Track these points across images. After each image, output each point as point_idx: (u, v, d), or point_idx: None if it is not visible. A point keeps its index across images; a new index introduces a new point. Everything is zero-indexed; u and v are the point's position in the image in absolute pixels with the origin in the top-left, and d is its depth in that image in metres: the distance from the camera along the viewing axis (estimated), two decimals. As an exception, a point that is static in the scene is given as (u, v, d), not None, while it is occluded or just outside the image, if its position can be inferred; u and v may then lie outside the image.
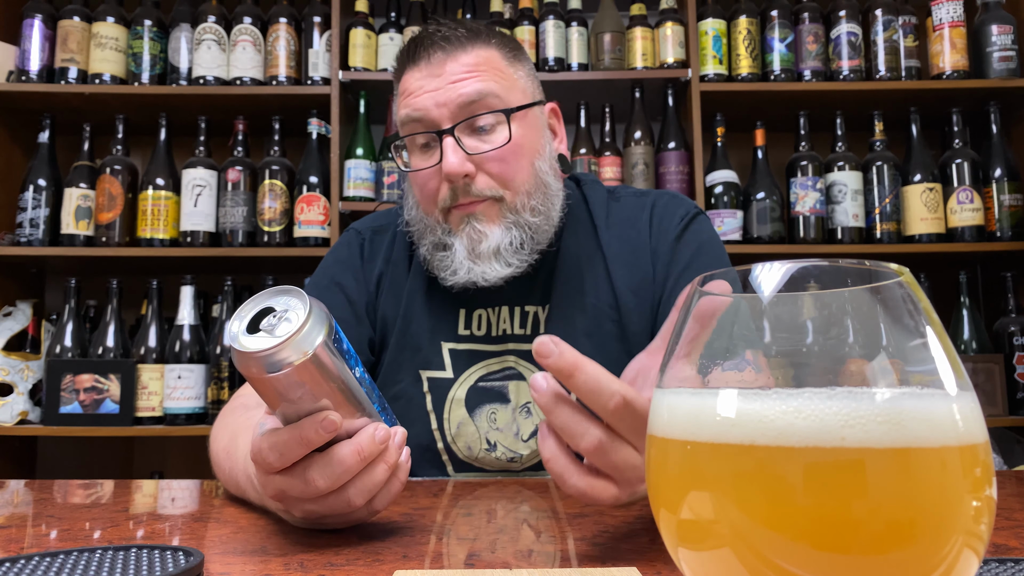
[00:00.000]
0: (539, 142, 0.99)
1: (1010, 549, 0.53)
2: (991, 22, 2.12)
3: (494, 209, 0.95)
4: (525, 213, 0.95)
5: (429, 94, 0.93)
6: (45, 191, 2.12)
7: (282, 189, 2.12)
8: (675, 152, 2.10)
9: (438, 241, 0.97)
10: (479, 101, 0.93)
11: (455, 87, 0.93)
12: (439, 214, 0.96)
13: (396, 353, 1.02)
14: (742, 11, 2.16)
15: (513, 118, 0.95)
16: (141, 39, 2.17)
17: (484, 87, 0.93)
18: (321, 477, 0.56)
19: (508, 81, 0.96)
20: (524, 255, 0.95)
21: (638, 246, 1.02)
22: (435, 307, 1.02)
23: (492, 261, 0.94)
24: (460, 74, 0.93)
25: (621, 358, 0.99)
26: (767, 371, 0.32)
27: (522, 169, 0.95)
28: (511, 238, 0.94)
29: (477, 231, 0.94)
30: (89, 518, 0.69)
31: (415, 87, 0.95)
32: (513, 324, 1.01)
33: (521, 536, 0.60)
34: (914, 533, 0.28)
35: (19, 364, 2.07)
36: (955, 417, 0.30)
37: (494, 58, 0.97)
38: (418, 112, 0.94)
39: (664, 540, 0.35)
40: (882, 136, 2.14)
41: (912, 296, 0.32)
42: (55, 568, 0.45)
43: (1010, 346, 2.07)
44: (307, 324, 0.52)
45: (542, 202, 0.97)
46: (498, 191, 0.94)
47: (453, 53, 0.94)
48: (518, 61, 1.00)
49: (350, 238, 1.10)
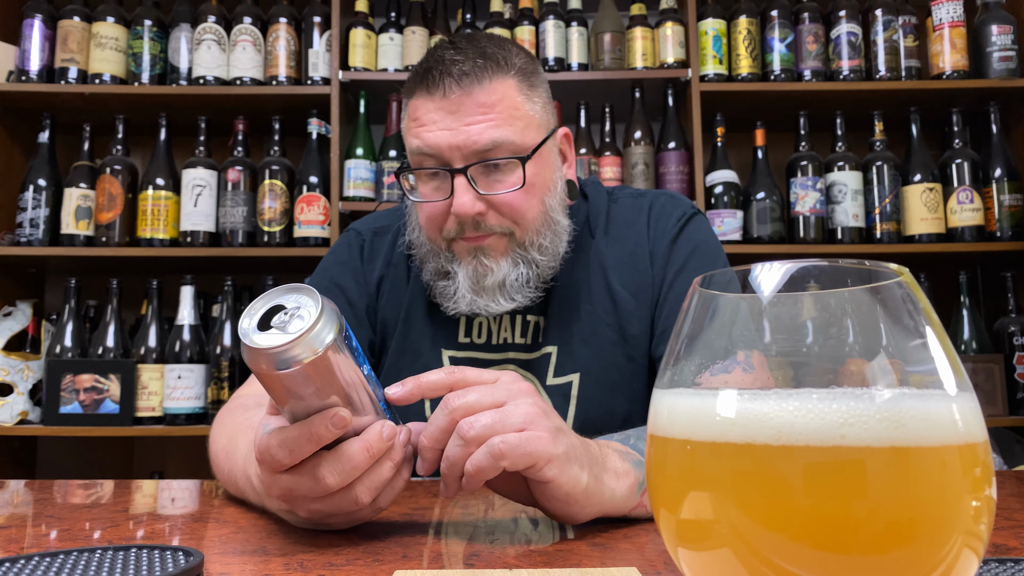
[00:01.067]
0: (551, 178, 0.97)
1: (1010, 549, 0.53)
2: (991, 22, 2.12)
3: (503, 243, 0.93)
4: (533, 251, 0.94)
5: (443, 132, 0.90)
6: (45, 191, 2.12)
7: (282, 189, 2.12)
8: (675, 152, 2.10)
9: (441, 268, 0.96)
10: (494, 149, 0.90)
11: (469, 131, 0.89)
12: (443, 243, 0.95)
13: (396, 358, 1.02)
14: (742, 11, 2.16)
15: (528, 161, 0.92)
16: (141, 39, 2.17)
17: (499, 136, 0.89)
18: (331, 474, 0.56)
19: (524, 120, 0.92)
20: (529, 291, 0.94)
21: (636, 249, 1.02)
22: (436, 314, 1.01)
23: (496, 295, 0.93)
24: (476, 116, 0.90)
25: (620, 362, 1.00)
26: (766, 371, 0.32)
27: (533, 208, 0.93)
28: (518, 274, 0.93)
29: (484, 265, 0.93)
30: (89, 518, 0.69)
31: (427, 119, 0.91)
32: (514, 333, 1.01)
33: (521, 536, 0.60)
34: (914, 533, 0.28)
35: (19, 364, 2.07)
36: (955, 417, 0.30)
37: (511, 94, 0.92)
38: (430, 148, 0.91)
39: (664, 540, 0.35)
40: (882, 136, 2.14)
41: (912, 296, 0.32)
42: (55, 568, 0.45)
43: (1010, 346, 2.07)
44: (319, 322, 0.52)
45: (550, 240, 0.96)
46: (508, 227, 0.93)
47: (469, 89, 0.90)
48: (534, 90, 0.95)
49: (350, 239, 1.09)
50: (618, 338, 0.99)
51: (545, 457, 0.57)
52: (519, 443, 0.56)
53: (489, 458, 0.55)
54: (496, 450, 0.55)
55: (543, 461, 0.57)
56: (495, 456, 0.55)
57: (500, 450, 0.55)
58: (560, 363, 0.98)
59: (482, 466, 0.56)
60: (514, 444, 0.56)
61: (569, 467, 0.58)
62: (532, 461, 0.56)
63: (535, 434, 0.57)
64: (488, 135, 0.89)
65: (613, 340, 0.99)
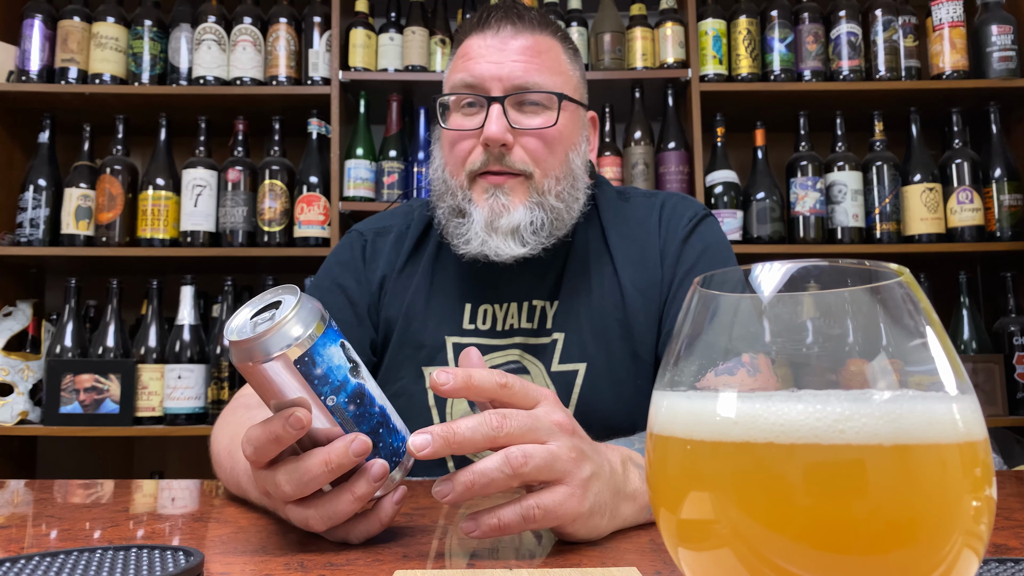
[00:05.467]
0: (578, 137, 1.01)
1: (1010, 549, 0.53)
2: (991, 22, 2.12)
3: (522, 186, 0.95)
4: (550, 196, 0.96)
5: (489, 64, 0.95)
6: (45, 191, 2.12)
7: (282, 189, 2.12)
8: (675, 152, 2.10)
9: (456, 206, 0.97)
10: (533, 87, 0.95)
11: (514, 66, 0.94)
12: (464, 178, 0.96)
13: (396, 351, 1.02)
14: (742, 11, 2.16)
15: (563, 105, 0.96)
16: (141, 39, 2.17)
17: (541, 80, 0.95)
18: (287, 482, 0.53)
19: (564, 76, 0.98)
20: (542, 237, 0.95)
21: (647, 247, 1.03)
22: (439, 304, 1.02)
23: (508, 238, 0.94)
24: (523, 55, 0.95)
25: (625, 357, 1.00)
26: (768, 371, 0.32)
27: (557, 154, 0.96)
28: (532, 218, 0.94)
29: (501, 203, 0.94)
30: (89, 518, 0.69)
31: (476, 52, 0.96)
32: (520, 318, 1.01)
33: (521, 536, 0.60)
34: (914, 533, 0.28)
35: (19, 364, 2.07)
36: (955, 416, 0.30)
37: (557, 50, 0.99)
38: (473, 78, 0.95)
39: (664, 540, 0.35)
40: (882, 136, 2.14)
41: (912, 296, 0.32)
42: (55, 568, 0.45)
43: (1010, 346, 2.07)
44: (287, 321, 0.52)
45: (568, 190, 0.98)
46: (530, 167, 0.95)
47: (522, 31, 0.96)
48: (575, 62, 1.03)
49: (352, 240, 1.09)
50: (625, 333, 0.99)
51: (571, 518, 0.54)
52: (553, 507, 0.53)
53: (521, 521, 0.53)
54: (529, 514, 0.53)
55: (568, 521, 0.54)
56: (527, 520, 0.53)
57: (533, 515, 0.53)
58: (566, 351, 0.99)
59: (510, 525, 0.53)
60: (549, 509, 0.53)
61: (591, 520, 0.56)
62: (559, 523, 0.54)
63: (568, 493, 0.54)
64: (531, 76, 0.94)
65: (620, 335, 0.99)
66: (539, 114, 0.96)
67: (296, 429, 0.52)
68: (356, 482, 0.54)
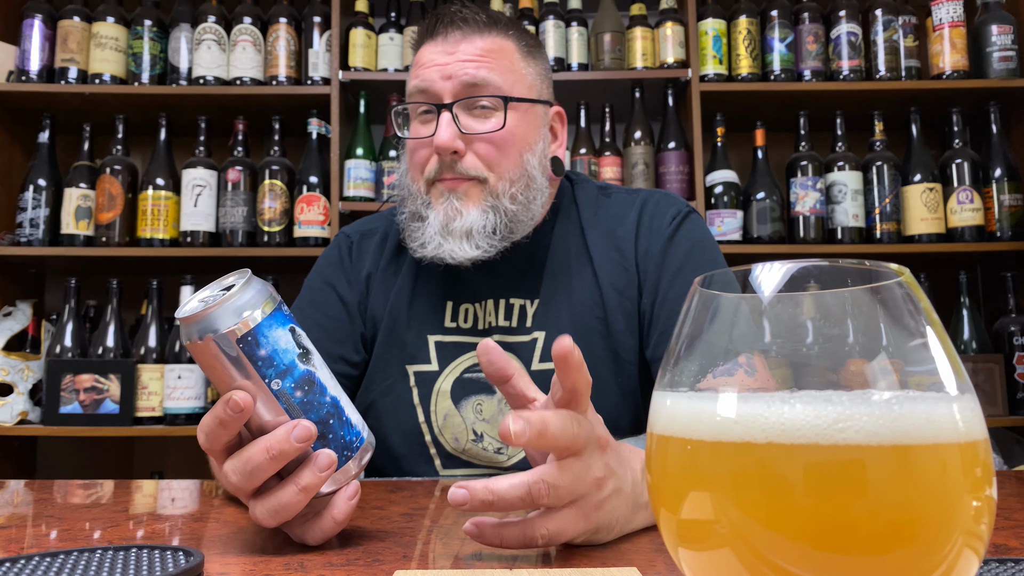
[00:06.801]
0: (533, 137, 1.00)
1: (1010, 549, 0.53)
2: (991, 22, 2.12)
3: (476, 190, 0.96)
4: (504, 199, 0.96)
5: (438, 67, 0.96)
6: (45, 191, 2.12)
7: (282, 189, 2.12)
8: (675, 152, 2.10)
9: (416, 211, 0.99)
10: (482, 87, 0.95)
11: (463, 66, 0.95)
12: (423, 184, 0.98)
13: (383, 350, 1.04)
14: (742, 11, 2.16)
15: (511, 107, 0.97)
16: (141, 39, 2.17)
17: (490, 77, 0.95)
18: (232, 471, 0.53)
19: (515, 75, 0.99)
20: (495, 240, 0.96)
21: (623, 245, 1.03)
22: (422, 303, 1.04)
23: (463, 241, 0.95)
24: (471, 56, 0.96)
25: (606, 355, 1.00)
26: (766, 372, 0.32)
27: (509, 157, 0.97)
28: (486, 221, 0.95)
29: (455, 208, 0.95)
30: (89, 518, 0.69)
31: (427, 60, 0.98)
32: (498, 316, 1.02)
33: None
34: (914, 533, 0.28)
35: (19, 364, 2.07)
36: (955, 416, 0.30)
37: (508, 50, 0.99)
38: (424, 84, 0.97)
39: (664, 540, 0.35)
40: (882, 136, 2.14)
41: (912, 296, 0.32)
42: (55, 568, 0.45)
43: (1010, 346, 2.07)
44: (228, 301, 0.52)
45: (523, 192, 0.98)
46: (483, 172, 0.96)
47: (469, 35, 0.97)
48: (532, 58, 1.02)
49: (339, 241, 1.12)
50: (605, 332, 1.00)
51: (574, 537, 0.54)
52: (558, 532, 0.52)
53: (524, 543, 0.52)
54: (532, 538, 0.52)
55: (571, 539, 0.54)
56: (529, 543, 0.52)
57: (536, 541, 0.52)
58: (547, 350, 0.99)
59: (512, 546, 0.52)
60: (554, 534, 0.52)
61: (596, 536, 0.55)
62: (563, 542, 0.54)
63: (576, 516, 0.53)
64: (478, 73, 0.95)
65: (601, 333, 0.99)
66: (490, 117, 0.96)
67: (235, 412, 0.50)
68: (300, 472, 0.53)
